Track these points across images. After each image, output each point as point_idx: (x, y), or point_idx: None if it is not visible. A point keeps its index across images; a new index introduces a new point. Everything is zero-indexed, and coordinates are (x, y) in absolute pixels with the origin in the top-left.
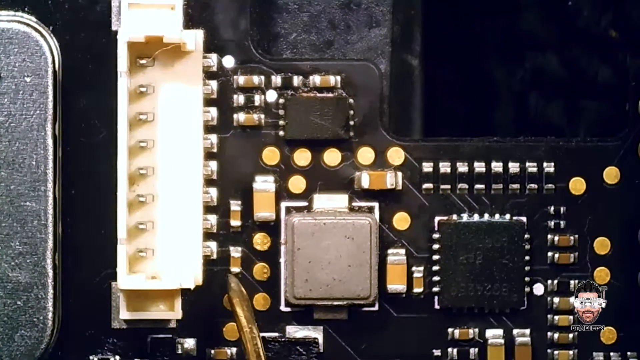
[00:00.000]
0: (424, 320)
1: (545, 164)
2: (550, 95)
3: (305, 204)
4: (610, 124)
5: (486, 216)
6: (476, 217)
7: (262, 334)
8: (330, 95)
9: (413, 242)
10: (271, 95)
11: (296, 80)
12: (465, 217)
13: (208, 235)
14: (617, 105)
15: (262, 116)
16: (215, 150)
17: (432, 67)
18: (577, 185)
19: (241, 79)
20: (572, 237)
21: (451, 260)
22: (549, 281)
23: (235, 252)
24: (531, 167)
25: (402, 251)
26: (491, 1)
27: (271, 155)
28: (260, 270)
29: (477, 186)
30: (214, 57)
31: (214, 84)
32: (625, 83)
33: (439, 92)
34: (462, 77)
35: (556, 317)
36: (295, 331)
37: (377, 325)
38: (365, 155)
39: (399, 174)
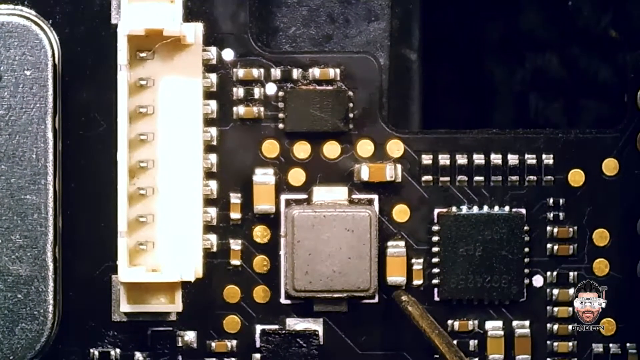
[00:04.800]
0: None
1: (544, 156)
2: (549, 92)
3: (305, 196)
4: (608, 115)
5: (485, 208)
6: (475, 209)
7: (261, 326)
8: (330, 87)
9: (413, 234)
10: (270, 88)
11: (295, 73)
12: (464, 209)
13: (208, 228)
14: (616, 99)
15: (262, 109)
16: (215, 143)
17: (431, 61)
18: (576, 177)
19: (241, 72)
20: (571, 229)
21: (451, 252)
22: (549, 273)
23: (235, 244)
24: (530, 159)
25: (402, 243)
26: None
27: (271, 147)
28: (260, 262)
29: (477, 178)
30: (213, 50)
31: (213, 77)
32: (624, 78)
33: (437, 85)
34: (460, 71)
35: (555, 309)
36: (295, 323)
37: (377, 317)
38: (365, 147)
39: (399, 166)
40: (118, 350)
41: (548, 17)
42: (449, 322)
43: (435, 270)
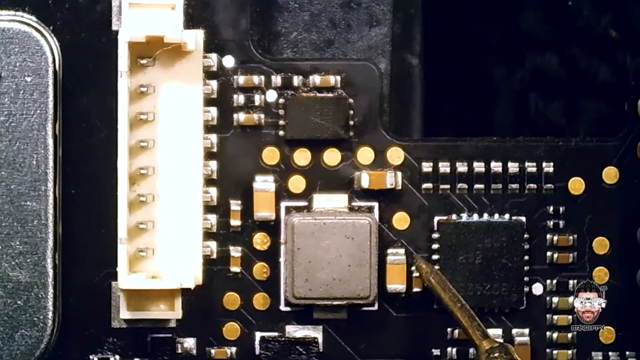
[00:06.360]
0: (423, 319)
1: (544, 164)
2: (550, 95)
3: (305, 203)
4: (609, 124)
5: (485, 216)
6: (475, 217)
7: (261, 333)
8: (330, 95)
9: (413, 242)
10: (271, 95)
11: (296, 80)
12: (464, 216)
13: (208, 235)
14: (617, 105)
15: (262, 116)
16: (215, 150)
17: (432, 67)
18: (576, 185)
19: (241, 79)
20: (571, 237)
21: (451, 260)
22: (548, 281)
23: (235, 251)
24: (530, 167)
25: (402, 251)
26: (491, 0)
27: (271, 155)
28: (260, 269)
29: (477, 186)
30: (214, 57)
31: (214, 84)
32: (625, 83)
33: (438, 92)
34: (462, 77)
35: (555, 317)
36: (295, 331)
37: (377, 325)
38: (365, 155)
39: (399, 173)
40: (118, 357)
41: (548, 17)
42: (448, 329)
43: None
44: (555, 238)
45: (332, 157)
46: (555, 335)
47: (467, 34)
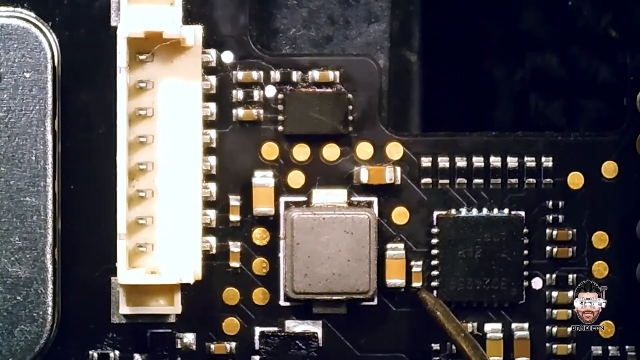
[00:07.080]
0: (422, 314)
1: (543, 159)
2: (549, 93)
3: (304, 198)
4: (608, 118)
5: (485, 211)
6: (475, 212)
7: (261, 328)
8: (329, 90)
9: (412, 237)
10: (270, 91)
11: (295, 75)
12: (464, 211)
13: (207, 230)
14: (616, 100)
15: (261, 111)
16: (214, 145)
17: (431, 63)
18: (576, 180)
19: (240, 74)
20: (570, 232)
21: (450, 255)
22: (548, 275)
23: (235, 246)
24: (529, 161)
25: (401, 246)
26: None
27: (270, 150)
28: (260, 264)
29: (476, 181)
30: (213, 52)
31: (213, 80)
32: (624, 80)
33: (437, 88)
34: (461, 73)
35: (555, 311)
36: (295, 325)
37: (376, 319)
38: (364, 150)
39: (398, 168)
40: (117, 352)
41: (548, 17)
42: None
43: (435, 272)
44: (555, 232)
45: (331, 152)
46: (554, 329)
47: (466, 31)
